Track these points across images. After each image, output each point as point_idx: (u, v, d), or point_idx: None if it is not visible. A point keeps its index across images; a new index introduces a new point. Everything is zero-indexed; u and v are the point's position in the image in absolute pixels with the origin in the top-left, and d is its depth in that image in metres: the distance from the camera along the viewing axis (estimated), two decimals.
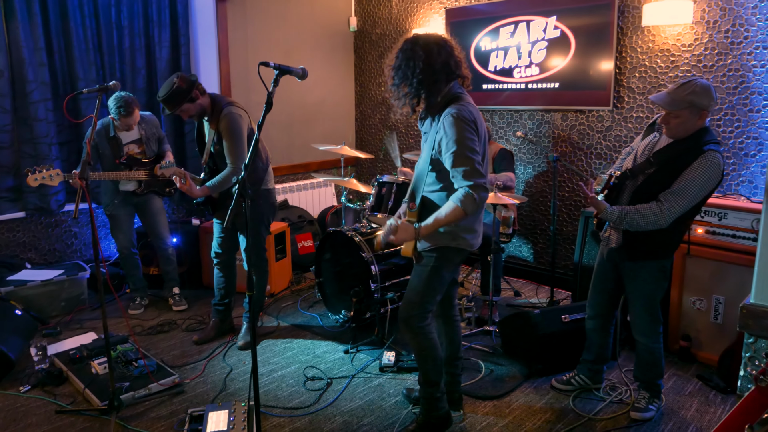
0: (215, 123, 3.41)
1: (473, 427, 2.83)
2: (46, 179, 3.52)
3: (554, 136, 4.70)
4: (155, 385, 3.09)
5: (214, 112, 3.43)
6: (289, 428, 2.83)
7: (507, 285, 4.73)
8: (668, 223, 2.55)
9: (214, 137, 3.45)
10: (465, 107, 2.37)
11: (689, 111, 2.50)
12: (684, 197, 2.51)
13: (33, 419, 2.89)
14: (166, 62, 4.87)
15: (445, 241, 2.51)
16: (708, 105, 2.49)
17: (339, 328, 3.97)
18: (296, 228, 5.19)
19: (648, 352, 2.85)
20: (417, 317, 2.59)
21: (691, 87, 2.48)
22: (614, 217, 2.62)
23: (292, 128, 5.69)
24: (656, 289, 2.76)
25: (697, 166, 2.48)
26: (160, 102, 3.31)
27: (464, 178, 2.31)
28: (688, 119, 2.51)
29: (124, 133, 4.03)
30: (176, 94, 3.26)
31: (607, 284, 2.97)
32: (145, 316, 4.22)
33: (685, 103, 2.49)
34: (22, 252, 4.46)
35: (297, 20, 5.63)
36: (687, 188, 2.50)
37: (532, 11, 4.63)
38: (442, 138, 2.37)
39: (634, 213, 2.57)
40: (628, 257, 2.74)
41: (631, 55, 4.18)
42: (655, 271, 2.73)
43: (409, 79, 2.40)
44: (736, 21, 3.67)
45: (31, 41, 4.15)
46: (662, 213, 2.52)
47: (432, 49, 2.38)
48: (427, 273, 2.56)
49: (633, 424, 2.84)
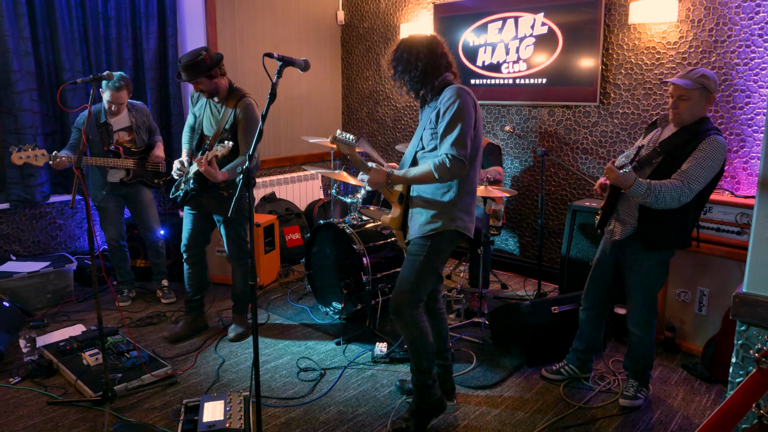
0: (232, 106, 3.38)
1: (467, 416, 2.88)
2: (31, 159, 3.48)
3: (541, 131, 4.76)
4: (148, 376, 3.08)
5: (230, 97, 3.41)
6: (284, 418, 2.84)
7: (494, 278, 4.79)
8: (688, 200, 2.60)
9: (229, 119, 3.40)
10: (464, 87, 2.53)
11: (700, 93, 2.63)
12: (700, 173, 2.58)
13: (25, 411, 2.86)
14: (153, 53, 4.83)
15: (443, 221, 2.58)
16: (715, 89, 2.65)
17: (330, 320, 3.98)
18: (284, 221, 5.19)
19: (641, 344, 2.93)
20: (408, 306, 2.63)
21: (701, 71, 2.64)
22: (643, 190, 2.60)
23: (279, 121, 5.68)
24: (657, 282, 2.84)
25: (705, 147, 2.59)
26: (180, 68, 3.27)
27: (449, 145, 2.45)
28: (698, 101, 2.64)
29: (114, 120, 3.99)
30: (198, 65, 3.23)
31: (607, 277, 3.03)
32: (133, 308, 4.20)
33: (697, 84, 2.62)
34: (5, 244, 4.40)
35: (285, 13, 5.62)
36: (700, 165, 2.58)
37: (520, 7, 4.68)
38: (440, 109, 2.50)
39: (661, 186, 2.59)
40: (643, 245, 2.77)
41: (617, 52, 4.25)
42: (658, 264, 2.80)
43: (413, 64, 2.55)
44: (720, 20, 3.76)
45: (16, 30, 4.09)
46: (684, 188, 2.57)
47: (432, 41, 2.58)
48: (419, 263, 2.61)
49: (622, 412, 2.91)
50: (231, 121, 3.39)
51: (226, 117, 3.40)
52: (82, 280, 4.49)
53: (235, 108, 3.37)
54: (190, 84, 3.36)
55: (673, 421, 2.86)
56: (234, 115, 3.38)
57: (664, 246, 2.77)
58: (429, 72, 2.56)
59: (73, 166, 2.64)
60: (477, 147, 2.59)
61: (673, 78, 2.70)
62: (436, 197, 2.61)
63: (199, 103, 3.53)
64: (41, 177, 4.37)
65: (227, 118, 3.40)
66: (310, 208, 5.73)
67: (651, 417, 2.89)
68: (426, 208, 2.64)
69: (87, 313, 4.05)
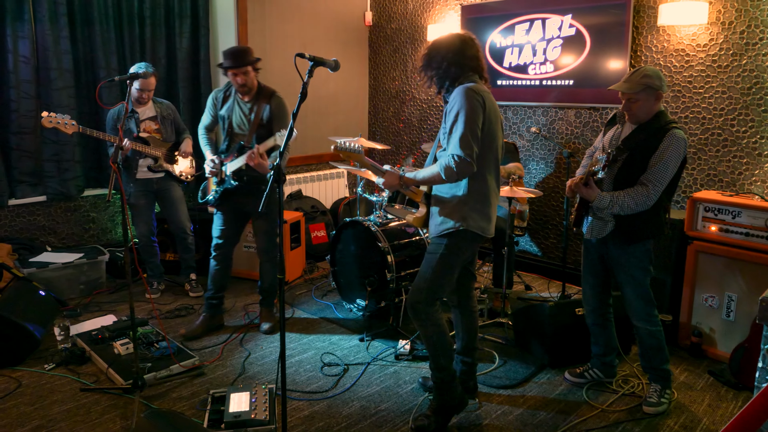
0: (263, 103, 3.51)
1: (488, 415, 2.90)
2: (60, 125, 3.64)
3: (567, 132, 4.74)
4: (176, 366, 3.16)
5: (261, 94, 3.52)
6: (308, 411, 2.89)
7: (518, 279, 4.79)
8: (656, 198, 2.71)
9: (264, 114, 3.52)
10: (476, 85, 2.55)
11: (645, 93, 2.70)
12: (664, 174, 2.69)
13: (59, 396, 2.96)
14: (186, 52, 4.94)
15: (453, 221, 2.61)
16: (661, 86, 2.70)
17: (354, 317, 4.03)
18: (309, 218, 5.26)
19: (649, 336, 2.93)
20: (424, 303, 2.66)
21: (642, 71, 2.72)
22: (606, 202, 2.74)
23: (307, 120, 5.75)
24: (645, 273, 2.88)
25: (668, 145, 2.68)
26: (227, 55, 3.37)
27: (454, 145, 2.48)
28: (646, 100, 2.71)
29: (141, 110, 4.10)
30: (246, 53, 3.37)
31: (598, 277, 3.07)
32: (161, 300, 4.30)
33: (640, 85, 2.70)
34: (41, 235, 4.54)
35: (313, 14, 5.69)
36: (665, 167, 2.68)
37: (548, 9, 4.68)
38: (447, 109, 2.56)
39: (623, 196, 2.72)
40: (624, 241, 2.84)
41: (646, 54, 4.22)
42: (641, 255, 2.85)
43: (438, 64, 2.61)
44: (751, 22, 3.71)
45: (56, 29, 4.23)
46: (649, 194, 2.69)
47: (464, 43, 2.61)
48: (436, 260, 2.65)
49: (646, 416, 2.90)
50: (267, 116, 3.50)
51: (260, 112, 3.50)
52: (114, 272, 4.61)
53: (269, 103, 3.49)
54: (226, 77, 3.44)
55: (697, 427, 2.83)
56: (270, 110, 3.50)
57: (644, 237, 2.83)
58: (451, 73, 2.60)
59: (111, 160, 2.73)
60: (490, 147, 2.59)
61: (615, 85, 2.79)
62: (447, 196, 2.66)
63: (226, 105, 3.60)
64: (76, 171, 4.50)
65: (261, 114, 3.49)
66: (335, 206, 5.79)
67: (675, 422, 2.87)
68: (440, 207, 2.69)
69: (118, 304, 4.16)
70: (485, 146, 2.56)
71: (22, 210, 4.41)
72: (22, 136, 4.26)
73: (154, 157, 4.11)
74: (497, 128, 2.61)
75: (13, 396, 2.96)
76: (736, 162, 3.88)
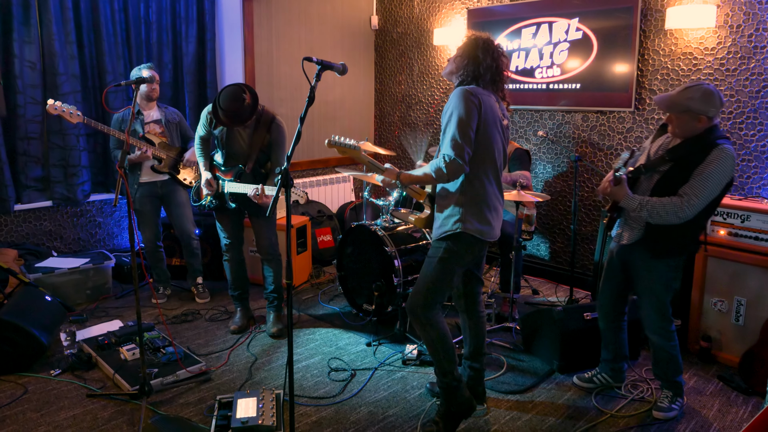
0: (265, 128, 3.57)
1: (497, 421, 2.87)
2: (65, 114, 3.68)
3: (575, 136, 4.73)
4: (183, 371, 3.15)
5: (261, 120, 3.57)
6: (315, 417, 2.88)
7: (525, 283, 4.77)
8: (689, 216, 2.58)
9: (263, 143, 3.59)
10: (469, 89, 2.51)
11: (688, 115, 2.58)
12: (703, 189, 2.55)
13: (65, 402, 2.95)
14: (192, 57, 4.94)
15: (450, 224, 2.58)
16: (705, 111, 2.55)
17: (360, 322, 4.02)
18: (316, 223, 5.25)
19: (662, 350, 2.89)
20: (423, 307, 2.64)
21: (690, 92, 2.57)
22: (635, 204, 2.66)
23: (313, 124, 5.75)
24: (667, 289, 2.79)
25: (713, 160, 2.54)
26: (224, 115, 3.39)
27: (445, 146, 2.48)
28: (687, 122, 2.60)
29: (146, 112, 4.12)
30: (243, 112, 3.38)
31: (617, 283, 3.01)
32: (168, 305, 4.29)
33: (681, 107, 2.57)
34: (48, 240, 4.54)
35: (320, 18, 5.70)
36: (705, 181, 2.55)
37: (555, 13, 4.67)
38: (447, 109, 2.54)
39: (654, 202, 2.62)
40: (649, 253, 2.76)
41: (653, 58, 4.20)
42: (667, 271, 2.76)
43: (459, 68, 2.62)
44: (759, 25, 3.69)
45: (63, 34, 4.23)
46: (682, 206, 2.56)
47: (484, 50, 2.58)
48: (434, 264, 2.63)
49: (655, 422, 2.87)
50: (267, 141, 3.60)
51: (260, 138, 3.58)
52: (120, 277, 4.61)
53: (269, 131, 3.58)
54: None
55: None
56: (270, 136, 3.59)
57: (671, 254, 2.74)
58: (465, 76, 2.59)
59: (118, 165, 2.72)
60: (486, 149, 2.55)
61: (661, 95, 2.67)
62: (444, 200, 2.64)
63: (220, 127, 3.62)
64: (83, 176, 4.51)
65: (261, 140, 3.58)
66: (341, 211, 5.79)
67: (685, 427, 2.84)
68: (439, 210, 2.67)
69: (124, 309, 4.15)
70: (481, 148, 2.52)
71: (29, 215, 4.42)
72: (28, 141, 4.27)
73: (158, 158, 4.11)
74: (495, 131, 2.57)
75: (20, 402, 2.95)
76: (744, 165, 3.86)
